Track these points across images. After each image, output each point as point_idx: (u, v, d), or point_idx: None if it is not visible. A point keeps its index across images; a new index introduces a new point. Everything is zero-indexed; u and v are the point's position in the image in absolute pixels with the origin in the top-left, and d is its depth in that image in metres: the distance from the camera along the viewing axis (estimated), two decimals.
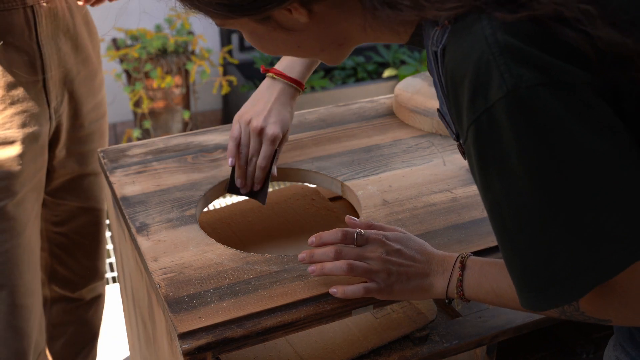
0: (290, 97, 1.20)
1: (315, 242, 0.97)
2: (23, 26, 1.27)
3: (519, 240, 0.72)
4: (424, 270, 0.93)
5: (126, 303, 1.46)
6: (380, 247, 0.94)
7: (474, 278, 0.91)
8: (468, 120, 0.71)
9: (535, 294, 0.73)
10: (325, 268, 0.94)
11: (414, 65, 3.31)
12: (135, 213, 1.14)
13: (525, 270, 0.73)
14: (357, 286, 0.93)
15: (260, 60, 3.27)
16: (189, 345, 0.89)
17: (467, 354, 1.12)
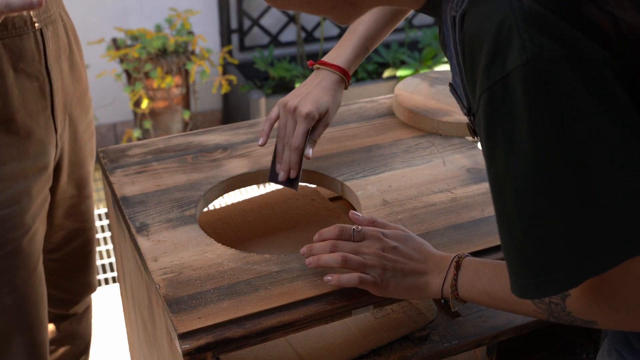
0: (334, 83, 1.20)
1: (316, 238, 0.98)
2: (34, 51, 1.21)
3: (517, 221, 0.70)
4: (420, 268, 0.94)
5: (126, 303, 1.46)
6: (376, 243, 0.95)
7: (468, 278, 0.90)
8: (481, 88, 0.69)
9: (527, 281, 0.71)
10: (321, 259, 0.95)
11: (414, 65, 3.31)
12: (135, 213, 1.14)
13: (520, 254, 0.71)
14: (352, 275, 0.93)
15: (260, 60, 3.27)
16: (188, 345, 0.89)
17: (467, 354, 1.12)
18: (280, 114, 1.18)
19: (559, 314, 0.80)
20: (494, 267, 0.89)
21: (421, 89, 1.48)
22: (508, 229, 0.72)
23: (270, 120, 1.20)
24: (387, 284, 0.93)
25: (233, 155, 1.30)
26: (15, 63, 1.19)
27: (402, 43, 3.66)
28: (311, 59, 1.42)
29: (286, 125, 1.17)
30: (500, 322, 1.09)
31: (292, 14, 3.44)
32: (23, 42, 1.19)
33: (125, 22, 3.05)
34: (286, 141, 1.17)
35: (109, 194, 1.29)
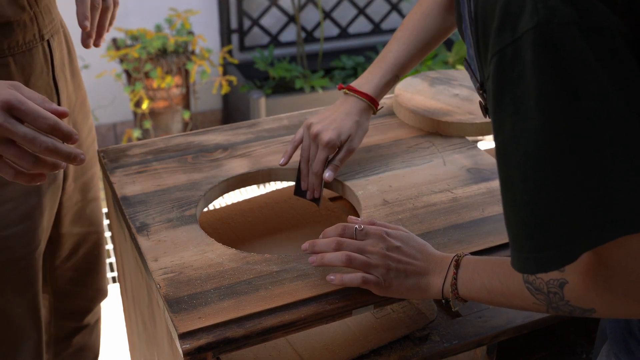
0: (360, 110, 1.21)
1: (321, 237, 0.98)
2: (42, 63, 1.19)
3: (520, 191, 0.69)
4: (422, 268, 0.94)
5: (126, 303, 1.46)
6: (380, 242, 0.95)
7: (468, 276, 0.91)
8: (492, 51, 0.68)
9: (528, 255, 0.70)
10: (325, 258, 0.95)
11: None
12: (135, 213, 1.14)
13: (521, 227, 0.70)
14: (355, 275, 0.93)
15: (260, 60, 3.28)
16: (189, 345, 0.89)
17: (467, 354, 1.12)
18: (304, 136, 1.20)
19: (557, 303, 0.79)
20: (492, 262, 0.89)
21: (421, 89, 1.48)
22: (511, 200, 0.71)
23: (295, 143, 1.22)
24: (389, 284, 0.93)
25: (233, 155, 1.30)
26: (27, 78, 1.16)
27: None
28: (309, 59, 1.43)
29: (309, 149, 1.19)
30: (501, 322, 1.09)
31: (292, 14, 3.44)
32: (33, 56, 1.16)
33: (125, 22, 3.05)
34: (309, 164, 1.20)
35: (109, 194, 1.29)
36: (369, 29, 3.69)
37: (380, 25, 3.69)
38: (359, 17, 3.65)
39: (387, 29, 3.71)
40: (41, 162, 0.90)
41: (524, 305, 0.84)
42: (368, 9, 3.64)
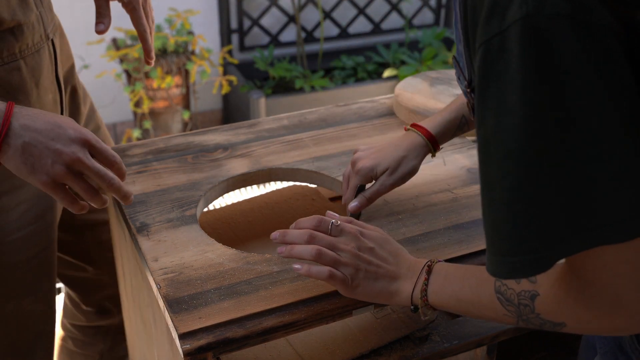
0: (414, 144, 1.11)
1: (293, 226, 0.96)
2: (48, 62, 1.19)
3: (498, 190, 0.66)
4: (392, 273, 0.91)
5: (126, 303, 1.46)
6: (353, 241, 0.92)
7: (439, 283, 0.88)
8: (479, 41, 0.66)
9: (502, 258, 0.68)
10: (294, 250, 0.92)
11: (414, 65, 3.31)
12: (135, 213, 1.14)
13: (497, 228, 0.68)
14: (323, 268, 0.90)
15: (260, 60, 3.28)
16: (189, 345, 0.89)
17: (467, 354, 1.12)
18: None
19: (527, 316, 0.78)
20: (465, 270, 0.87)
21: (421, 89, 1.48)
22: (488, 199, 0.69)
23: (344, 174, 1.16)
24: (357, 285, 0.91)
25: (233, 155, 1.30)
26: (37, 80, 1.16)
27: (402, 43, 3.66)
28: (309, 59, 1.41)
29: (348, 174, 1.14)
30: None
31: (292, 14, 3.44)
32: (40, 57, 1.16)
33: (125, 22, 3.05)
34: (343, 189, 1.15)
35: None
36: (369, 29, 3.69)
37: (380, 25, 3.69)
38: (359, 17, 3.65)
39: (387, 29, 3.71)
40: (98, 196, 0.99)
41: (494, 316, 0.82)
42: (368, 9, 3.64)
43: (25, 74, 1.13)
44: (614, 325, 0.71)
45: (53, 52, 1.20)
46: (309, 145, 1.34)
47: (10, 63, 1.10)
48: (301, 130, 1.39)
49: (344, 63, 3.44)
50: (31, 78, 1.14)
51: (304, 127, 1.40)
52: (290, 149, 1.32)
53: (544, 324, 0.77)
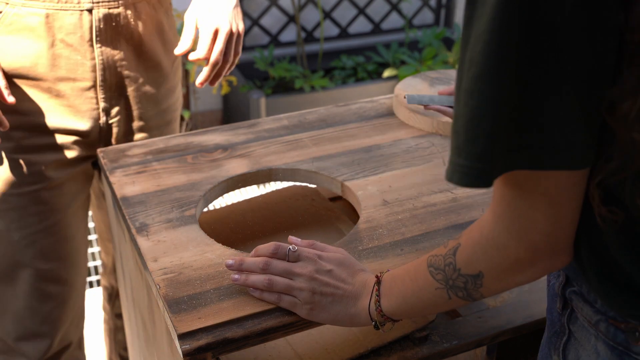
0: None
1: (252, 254, 0.97)
2: (77, 26, 1.28)
3: (465, 80, 0.66)
4: (351, 293, 0.91)
5: (126, 303, 1.46)
6: (310, 264, 0.93)
7: (387, 287, 0.88)
8: None
9: (452, 157, 0.68)
10: (249, 280, 0.94)
11: (414, 65, 3.31)
12: (135, 213, 1.14)
13: (455, 121, 0.68)
14: (273, 294, 0.93)
15: (260, 60, 3.27)
16: (188, 345, 0.89)
17: (467, 354, 1.12)
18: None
19: (452, 278, 0.79)
20: (406, 266, 0.88)
21: (421, 89, 1.48)
22: (456, 93, 0.68)
23: None
24: (312, 307, 0.91)
25: (233, 155, 1.30)
26: (56, 33, 1.28)
27: (402, 43, 3.66)
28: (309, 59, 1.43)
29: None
30: (501, 322, 1.09)
31: (292, 14, 3.44)
32: (64, 18, 1.28)
33: None
34: None
35: (109, 194, 1.29)
36: (369, 29, 3.69)
37: (380, 25, 3.69)
38: (359, 17, 3.65)
39: (387, 29, 3.71)
40: None
41: (431, 298, 0.83)
42: (368, 9, 3.64)
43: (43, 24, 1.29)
44: (521, 264, 0.73)
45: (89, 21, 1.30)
46: (309, 146, 1.34)
47: None
48: (301, 130, 1.39)
49: (344, 63, 3.44)
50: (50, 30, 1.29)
51: (303, 127, 1.40)
52: (290, 149, 1.32)
53: (467, 284, 0.78)
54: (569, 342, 0.82)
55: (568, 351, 0.82)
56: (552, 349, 0.85)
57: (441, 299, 0.82)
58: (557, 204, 0.69)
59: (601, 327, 0.76)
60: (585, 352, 0.79)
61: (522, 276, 0.76)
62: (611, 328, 0.75)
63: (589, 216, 0.71)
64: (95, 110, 1.36)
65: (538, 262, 0.73)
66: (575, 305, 0.80)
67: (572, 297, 0.80)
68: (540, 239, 0.71)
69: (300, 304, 0.92)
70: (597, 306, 0.76)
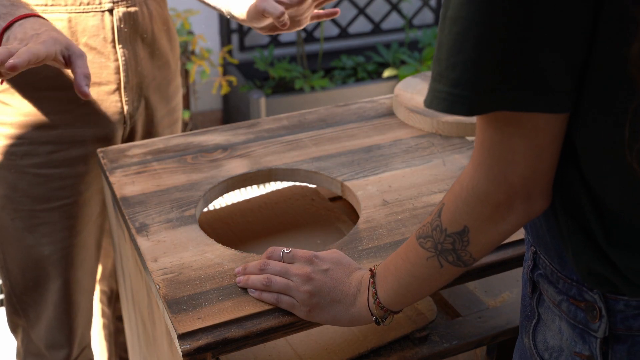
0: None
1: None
2: (100, 28, 1.28)
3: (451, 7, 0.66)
4: (349, 292, 0.91)
5: (126, 303, 1.46)
6: (307, 265, 0.93)
7: (381, 276, 0.89)
8: None
9: (432, 83, 0.68)
10: (249, 280, 0.95)
11: (414, 65, 3.31)
12: (134, 213, 1.13)
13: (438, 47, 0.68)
14: (272, 294, 0.93)
15: (260, 60, 3.27)
16: (188, 345, 0.89)
17: (467, 354, 1.12)
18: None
19: (440, 242, 0.80)
20: (396, 251, 0.88)
21: (421, 89, 1.48)
22: (441, 20, 0.68)
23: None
24: (311, 308, 0.91)
25: (233, 155, 1.30)
26: (78, 37, 1.27)
27: (402, 43, 3.66)
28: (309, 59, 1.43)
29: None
30: (501, 322, 1.09)
31: None
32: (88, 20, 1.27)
33: None
34: None
35: (109, 194, 1.29)
36: (369, 29, 3.69)
37: (380, 25, 3.69)
38: (359, 17, 3.65)
39: (387, 29, 3.71)
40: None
41: (424, 271, 0.83)
42: (368, 9, 3.64)
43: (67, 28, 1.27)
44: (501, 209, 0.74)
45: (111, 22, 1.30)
46: (309, 146, 1.34)
47: None
48: (301, 130, 1.39)
49: (344, 63, 3.44)
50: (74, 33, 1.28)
51: (303, 127, 1.40)
52: (290, 149, 1.32)
53: (455, 244, 0.79)
54: (537, 325, 0.84)
55: (537, 333, 0.84)
56: (524, 332, 0.87)
57: (434, 270, 0.83)
58: (537, 146, 0.70)
59: (563, 306, 0.78)
60: (551, 332, 0.81)
61: (505, 224, 0.76)
62: (572, 307, 0.77)
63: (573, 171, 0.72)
64: (120, 114, 1.36)
65: (517, 206, 0.74)
66: (542, 288, 0.82)
67: (539, 279, 0.82)
68: (519, 181, 0.72)
69: (298, 305, 0.92)
70: (559, 286, 0.78)
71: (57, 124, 1.30)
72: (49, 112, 1.29)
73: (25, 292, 1.40)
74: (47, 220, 1.34)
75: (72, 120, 1.31)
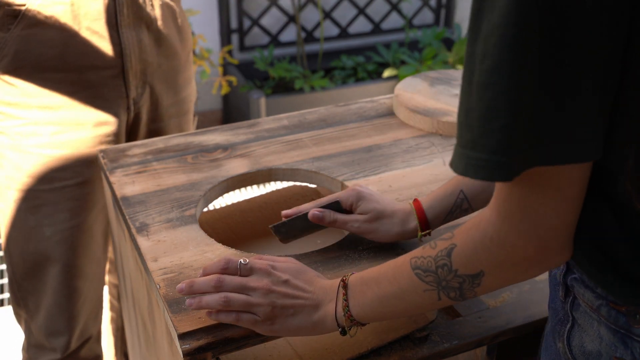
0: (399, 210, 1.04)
1: (201, 273, 0.92)
2: (102, 12, 1.30)
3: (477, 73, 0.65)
4: (312, 301, 0.88)
5: (126, 303, 1.46)
6: (265, 277, 0.89)
7: (357, 290, 0.86)
8: None
9: (462, 150, 0.67)
10: (203, 301, 0.89)
11: (414, 65, 3.31)
12: (135, 213, 1.14)
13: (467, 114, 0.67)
14: (231, 314, 0.89)
15: (260, 60, 3.27)
16: (189, 345, 0.89)
17: (467, 354, 1.12)
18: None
19: (446, 279, 0.78)
20: (379, 267, 0.86)
21: (421, 89, 1.48)
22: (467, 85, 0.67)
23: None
24: (274, 322, 0.88)
25: (233, 155, 1.30)
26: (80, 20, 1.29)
27: (402, 43, 3.66)
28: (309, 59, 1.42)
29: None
30: (501, 322, 1.09)
31: (292, 14, 3.44)
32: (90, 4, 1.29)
33: None
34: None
35: (109, 194, 1.29)
36: (369, 29, 3.69)
37: (380, 25, 3.69)
38: (359, 17, 3.65)
39: (387, 28, 3.71)
40: None
41: (417, 299, 0.81)
42: (368, 9, 3.64)
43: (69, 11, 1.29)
44: (529, 262, 0.73)
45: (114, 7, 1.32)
46: (309, 145, 1.34)
47: None
48: (301, 130, 1.39)
49: (344, 63, 3.44)
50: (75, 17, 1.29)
51: (303, 127, 1.40)
52: (290, 149, 1.32)
53: (463, 284, 0.77)
54: (572, 329, 0.82)
55: (572, 338, 0.82)
56: (557, 337, 0.84)
57: (429, 300, 0.81)
58: (568, 198, 0.69)
59: (602, 311, 0.76)
60: (589, 337, 0.79)
61: (527, 274, 0.76)
62: (612, 312, 0.75)
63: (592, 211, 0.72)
64: (124, 98, 1.37)
65: (546, 260, 0.73)
66: (577, 292, 0.79)
67: (574, 284, 0.80)
68: (550, 235, 0.70)
69: (260, 320, 0.88)
70: (598, 291, 0.76)
71: (60, 105, 1.32)
72: (52, 93, 1.31)
73: (26, 277, 1.40)
74: (49, 201, 1.35)
75: (76, 102, 1.32)
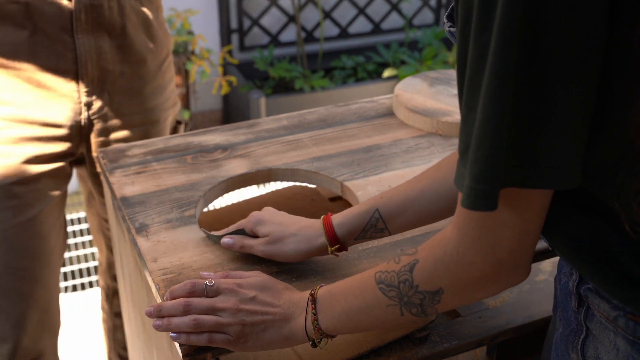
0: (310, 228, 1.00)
1: (167, 296, 0.92)
2: (57, 16, 1.28)
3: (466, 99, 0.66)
4: (282, 315, 0.88)
5: (125, 303, 1.45)
6: (232, 296, 0.89)
7: (326, 304, 0.86)
8: None
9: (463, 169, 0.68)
10: (172, 324, 0.89)
11: (414, 65, 3.31)
12: (134, 213, 1.13)
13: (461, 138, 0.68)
14: (202, 335, 0.88)
15: (260, 60, 3.27)
16: (188, 345, 0.89)
17: (467, 354, 1.12)
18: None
19: (408, 295, 0.79)
20: (347, 281, 0.86)
21: (421, 89, 1.48)
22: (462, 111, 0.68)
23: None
24: (245, 339, 0.88)
25: (233, 155, 1.30)
26: (35, 22, 1.27)
27: (402, 43, 3.66)
28: (309, 59, 1.40)
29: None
30: (501, 322, 1.09)
31: (292, 14, 3.44)
32: (44, 7, 1.26)
33: None
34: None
35: (109, 194, 1.29)
36: (369, 29, 3.69)
37: (380, 25, 3.69)
38: (359, 17, 3.65)
39: (387, 28, 3.71)
40: None
41: (381, 314, 0.82)
42: (368, 9, 3.64)
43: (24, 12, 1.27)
44: (485, 281, 0.74)
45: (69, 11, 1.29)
46: (309, 146, 1.34)
47: None
48: (301, 130, 1.39)
49: (344, 63, 3.44)
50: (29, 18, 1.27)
51: (303, 127, 1.40)
52: (290, 149, 1.32)
53: (424, 300, 0.78)
54: (587, 340, 0.81)
55: (587, 348, 0.81)
56: (570, 348, 0.84)
57: (392, 316, 0.82)
58: (527, 220, 0.70)
59: (620, 322, 0.75)
60: (605, 348, 0.78)
61: (484, 292, 0.77)
62: (630, 323, 0.74)
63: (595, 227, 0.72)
64: (77, 103, 1.35)
65: (502, 279, 0.74)
66: (591, 302, 0.78)
67: (588, 294, 0.79)
68: (506, 255, 0.72)
69: (232, 339, 0.88)
70: (614, 302, 0.75)
71: (10, 101, 1.31)
72: (3, 90, 1.30)
73: None
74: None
75: (26, 100, 1.31)
